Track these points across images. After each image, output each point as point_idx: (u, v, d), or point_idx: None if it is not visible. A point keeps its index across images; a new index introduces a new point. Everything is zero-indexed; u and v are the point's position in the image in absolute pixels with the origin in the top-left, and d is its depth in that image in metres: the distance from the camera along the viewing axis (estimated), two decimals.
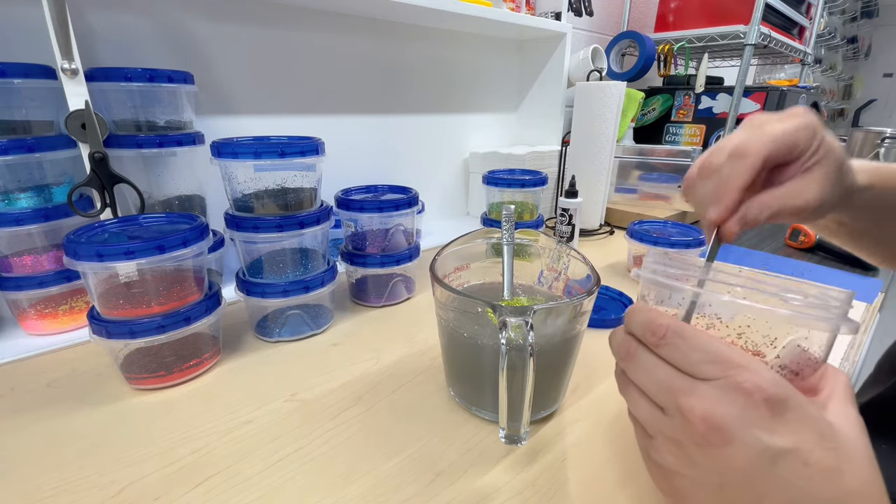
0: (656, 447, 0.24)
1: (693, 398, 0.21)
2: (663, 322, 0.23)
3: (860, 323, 0.21)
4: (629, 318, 0.25)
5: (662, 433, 0.23)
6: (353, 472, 0.35)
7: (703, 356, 0.21)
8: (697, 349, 0.22)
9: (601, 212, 0.99)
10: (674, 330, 0.22)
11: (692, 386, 0.21)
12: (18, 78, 0.48)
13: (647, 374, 0.23)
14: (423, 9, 0.73)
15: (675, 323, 0.23)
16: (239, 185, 0.51)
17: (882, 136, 1.57)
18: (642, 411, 0.24)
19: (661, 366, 0.23)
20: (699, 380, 0.21)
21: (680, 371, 0.22)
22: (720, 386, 0.20)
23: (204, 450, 0.37)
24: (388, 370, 0.48)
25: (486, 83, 1.05)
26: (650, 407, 0.23)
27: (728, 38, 1.13)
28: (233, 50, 0.68)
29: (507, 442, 0.34)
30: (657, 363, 0.23)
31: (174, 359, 0.45)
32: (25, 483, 0.34)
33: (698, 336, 0.22)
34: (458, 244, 0.47)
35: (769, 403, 0.20)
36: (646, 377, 0.24)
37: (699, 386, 0.21)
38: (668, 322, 0.23)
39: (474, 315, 0.38)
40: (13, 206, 0.50)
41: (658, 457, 0.24)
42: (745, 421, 0.20)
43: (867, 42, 3.49)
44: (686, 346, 0.22)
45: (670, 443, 0.23)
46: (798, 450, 0.19)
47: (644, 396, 0.24)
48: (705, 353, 0.21)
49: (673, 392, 0.22)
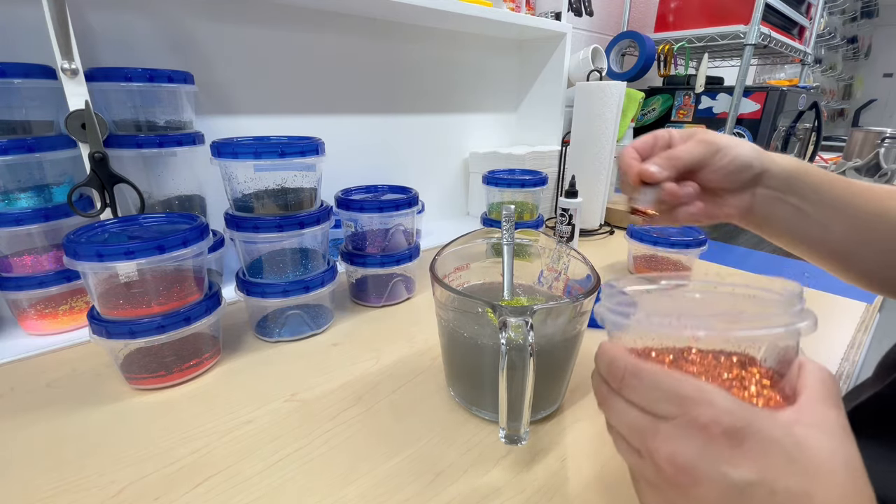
0: (641, 489, 0.24)
1: (657, 440, 0.21)
2: (620, 364, 0.23)
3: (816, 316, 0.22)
4: (597, 360, 0.25)
5: (643, 477, 0.23)
6: (353, 472, 0.35)
7: (660, 394, 0.21)
8: (654, 388, 0.22)
9: (601, 212, 0.99)
10: (630, 371, 0.23)
11: (655, 427, 0.21)
12: (18, 78, 0.48)
13: (619, 418, 0.23)
14: (424, 9, 0.73)
15: (632, 363, 0.23)
16: (239, 185, 0.51)
17: (882, 136, 1.57)
18: (625, 455, 0.24)
19: (629, 409, 0.23)
20: (661, 419, 0.21)
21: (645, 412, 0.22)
22: (679, 424, 0.20)
23: (204, 450, 0.37)
24: (388, 370, 0.48)
25: (486, 83, 1.05)
26: (628, 450, 0.24)
27: (728, 38, 1.13)
28: (233, 50, 0.68)
29: (507, 442, 0.34)
30: (625, 407, 0.23)
31: (174, 359, 0.45)
32: (25, 483, 0.34)
33: (654, 374, 0.22)
34: (458, 244, 0.47)
35: (727, 435, 0.19)
36: (618, 421, 0.24)
37: (661, 426, 0.21)
38: (624, 363, 0.23)
39: (474, 315, 0.38)
40: (13, 206, 0.50)
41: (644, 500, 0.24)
42: (708, 458, 0.20)
43: (867, 42, 3.49)
44: (643, 387, 0.22)
45: (650, 486, 0.23)
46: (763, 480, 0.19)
47: (622, 439, 0.24)
48: (661, 391, 0.21)
49: (642, 435, 0.22)
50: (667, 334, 0.23)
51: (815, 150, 1.39)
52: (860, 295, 0.67)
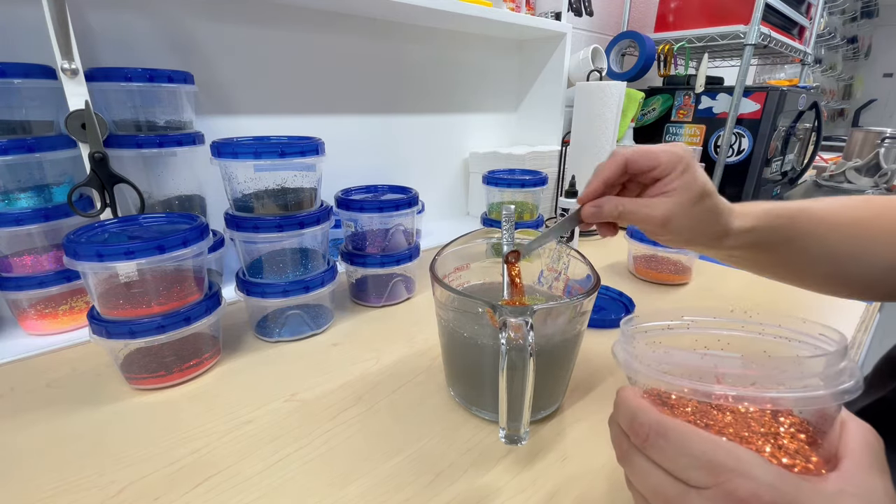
0: None
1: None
2: (645, 421, 0.21)
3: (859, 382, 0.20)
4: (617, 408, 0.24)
5: None
6: (353, 472, 0.35)
7: (690, 460, 0.20)
8: (683, 453, 0.20)
9: None
10: (656, 430, 0.21)
11: (685, 495, 0.20)
12: (18, 78, 0.48)
13: (642, 479, 0.22)
14: (424, 9, 0.73)
15: (657, 421, 0.21)
16: (239, 185, 0.51)
17: (882, 136, 1.57)
18: None
19: (654, 471, 0.21)
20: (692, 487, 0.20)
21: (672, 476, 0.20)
22: (713, 497, 0.19)
23: (204, 450, 0.37)
24: (388, 370, 0.48)
25: (486, 83, 1.05)
26: None
27: (728, 38, 1.13)
28: (233, 50, 0.68)
29: (507, 442, 0.34)
30: (649, 468, 0.21)
31: (174, 359, 0.45)
32: (25, 483, 0.34)
33: (683, 436, 0.20)
34: (458, 244, 0.47)
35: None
36: (641, 481, 0.22)
37: (692, 496, 0.19)
38: (649, 421, 0.21)
39: (474, 315, 0.38)
40: (13, 206, 0.50)
41: None
42: None
43: (867, 42, 3.49)
44: (671, 450, 0.20)
45: None
46: None
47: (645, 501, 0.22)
48: (692, 456, 0.20)
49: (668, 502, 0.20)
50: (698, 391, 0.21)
51: (815, 150, 1.39)
52: None
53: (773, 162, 1.19)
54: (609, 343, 0.55)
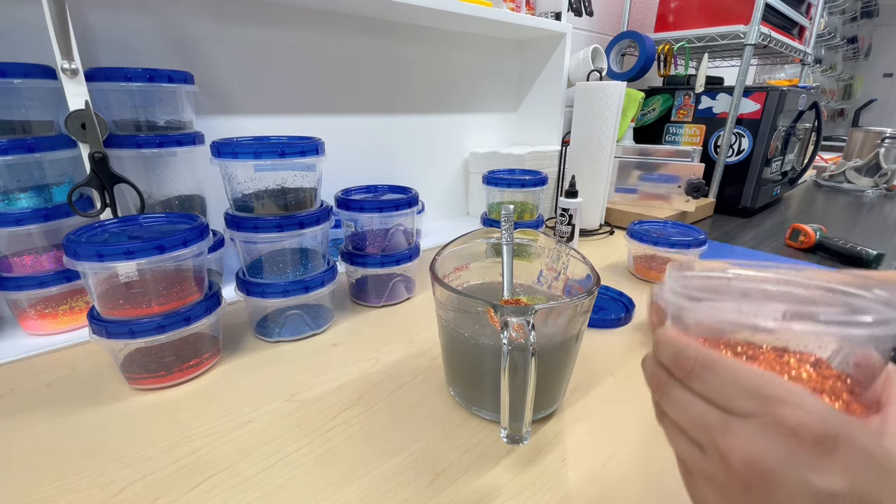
0: (697, 485, 0.22)
1: (731, 438, 0.19)
2: (691, 354, 0.21)
3: None
4: (658, 346, 0.23)
5: (703, 473, 0.21)
6: (353, 472, 0.35)
7: (738, 391, 0.19)
8: (730, 383, 0.20)
9: (601, 212, 0.99)
10: (702, 363, 0.21)
11: (729, 424, 0.20)
12: (18, 78, 0.48)
13: (681, 410, 0.22)
14: (424, 9, 0.73)
15: (704, 355, 0.21)
16: (239, 185, 0.51)
17: (882, 136, 1.57)
18: (680, 447, 0.23)
19: (694, 401, 0.21)
20: (736, 416, 0.19)
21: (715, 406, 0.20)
22: (760, 424, 0.19)
23: (204, 450, 0.37)
24: (388, 370, 0.48)
25: (486, 83, 1.05)
26: (688, 443, 0.22)
27: (728, 38, 1.13)
28: (233, 50, 0.68)
29: (508, 442, 0.34)
30: (690, 398, 0.21)
31: (174, 359, 0.45)
32: (25, 483, 0.34)
33: (730, 368, 0.20)
34: (457, 244, 0.47)
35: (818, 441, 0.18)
36: (679, 413, 0.22)
37: (736, 424, 0.19)
38: (695, 354, 0.21)
39: (474, 315, 0.38)
40: (13, 206, 0.50)
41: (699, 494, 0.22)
42: (792, 462, 0.18)
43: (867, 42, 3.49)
44: (718, 381, 0.20)
45: (710, 482, 0.21)
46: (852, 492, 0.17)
47: (681, 431, 0.22)
48: (741, 387, 0.19)
49: (709, 430, 0.20)
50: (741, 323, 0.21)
51: (815, 151, 1.39)
52: None
53: (773, 162, 1.19)
54: (609, 343, 0.55)
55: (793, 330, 0.20)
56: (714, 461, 0.20)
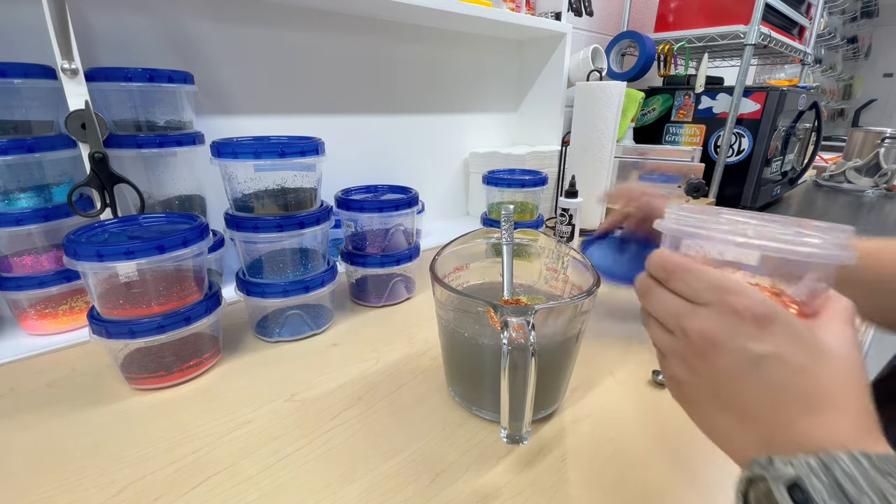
0: (669, 364, 0.28)
1: (693, 320, 0.25)
2: (673, 260, 0.27)
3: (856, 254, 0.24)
4: (649, 262, 0.29)
5: (673, 352, 0.27)
6: (353, 472, 0.35)
7: (703, 285, 0.25)
8: (699, 280, 0.25)
9: (601, 212, 0.99)
10: (682, 266, 0.26)
11: (693, 310, 0.25)
12: (18, 78, 0.48)
13: (659, 304, 0.27)
14: (424, 9, 0.73)
15: (685, 261, 0.26)
16: (239, 185, 0.51)
17: (882, 136, 1.57)
18: (657, 336, 0.28)
19: (670, 297, 0.26)
20: (700, 305, 0.25)
21: (685, 300, 0.26)
22: (715, 309, 0.24)
23: (204, 450, 0.37)
24: (388, 370, 0.48)
25: (486, 83, 1.05)
26: (663, 332, 0.27)
27: (728, 38, 1.13)
28: (233, 50, 0.68)
29: (508, 442, 0.34)
30: (667, 295, 0.27)
31: (174, 359, 0.45)
32: (25, 483, 0.34)
33: (702, 270, 0.25)
34: (457, 244, 0.47)
35: (756, 319, 0.23)
36: (658, 307, 0.27)
37: (699, 310, 0.25)
38: (677, 260, 0.26)
39: (474, 315, 0.38)
40: (13, 206, 0.50)
41: (670, 371, 0.28)
42: (735, 334, 0.23)
43: (867, 42, 3.49)
44: (690, 278, 0.25)
45: (677, 357, 0.26)
46: (778, 354, 0.22)
47: (659, 324, 0.28)
48: (706, 282, 0.25)
49: (678, 316, 0.26)
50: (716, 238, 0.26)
51: (814, 150, 1.39)
52: None
53: (773, 162, 1.19)
54: (609, 342, 0.55)
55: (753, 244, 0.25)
56: (681, 340, 0.26)
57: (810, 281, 0.25)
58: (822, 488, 0.19)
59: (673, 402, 0.28)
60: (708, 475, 0.35)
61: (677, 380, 0.27)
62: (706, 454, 0.37)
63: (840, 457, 0.19)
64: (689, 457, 0.37)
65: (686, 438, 0.38)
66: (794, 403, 0.22)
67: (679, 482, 0.35)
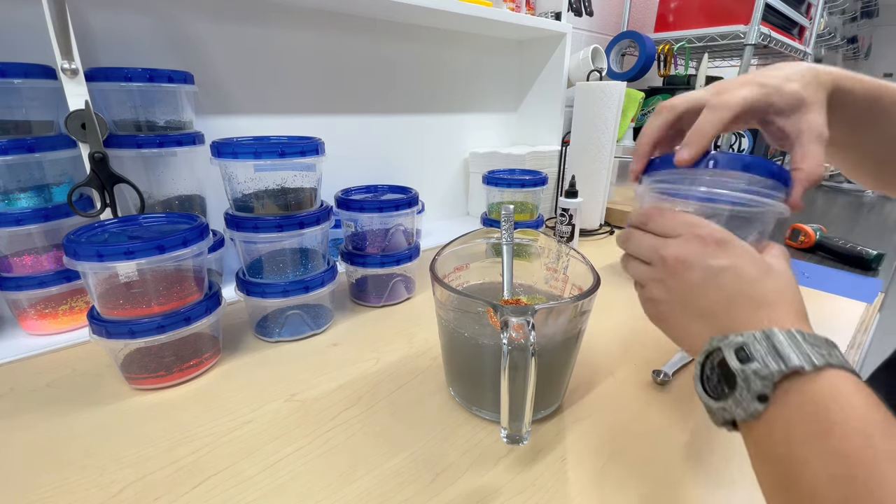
0: (647, 289, 0.33)
1: (668, 247, 0.31)
2: (650, 210, 0.33)
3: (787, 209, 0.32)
4: (631, 217, 0.35)
5: (651, 279, 0.33)
6: (353, 472, 0.35)
7: (676, 224, 0.31)
8: (672, 219, 0.31)
9: (601, 212, 0.99)
10: (657, 211, 0.33)
11: (667, 241, 0.31)
12: (18, 78, 0.48)
13: (638, 244, 0.33)
14: (424, 9, 0.73)
15: (660, 208, 0.33)
16: (239, 185, 0.51)
17: None
18: (637, 271, 0.34)
19: (647, 236, 0.33)
20: (672, 237, 0.31)
21: (660, 235, 0.32)
22: (685, 238, 0.30)
23: (204, 450, 0.37)
24: (388, 370, 0.48)
25: (486, 83, 1.05)
26: (642, 266, 0.33)
27: (728, 38, 1.13)
28: (233, 50, 0.68)
29: (508, 442, 0.34)
30: (644, 236, 0.33)
31: (174, 359, 0.45)
32: (25, 483, 0.34)
33: (673, 213, 0.32)
34: (457, 244, 0.47)
35: (717, 241, 0.29)
36: (637, 246, 0.33)
37: (672, 240, 0.31)
38: (654, 208, 0.33)
39: (475, 315, 0.38)
40: (13, 206, 0.50)
41: (648, 294, 0.33)
42: (700, 254, 0.29)
43: (867, 42, 3.49)
44: (663, 219, 0.32)
45: (655, 281, 0.32)
46: (734, 265, 0.28)
47: (638, 261, 0.34)
48: (677, 221, 0.31)
49: (655, 248, 0.32)
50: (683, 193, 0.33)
51: None
52: (860, 295, 0.67)
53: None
54: (611, 340, 0.55)
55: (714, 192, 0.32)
56: (658, 266, 0.32)
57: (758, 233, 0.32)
58: (762, 349, 0.24)
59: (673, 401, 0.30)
60: (708, 475, 0.35)
61: (654, 301, 0.33)
62: (706, 454, 0.37)
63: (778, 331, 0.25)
64: (689, 457, 0.37)
65: (686, 438, 0.38)
66: (746, 303, 0.28)
67: (679, 482, 0.35)
